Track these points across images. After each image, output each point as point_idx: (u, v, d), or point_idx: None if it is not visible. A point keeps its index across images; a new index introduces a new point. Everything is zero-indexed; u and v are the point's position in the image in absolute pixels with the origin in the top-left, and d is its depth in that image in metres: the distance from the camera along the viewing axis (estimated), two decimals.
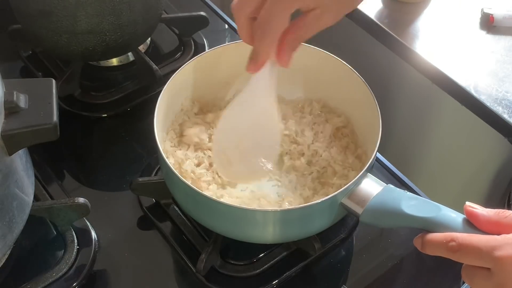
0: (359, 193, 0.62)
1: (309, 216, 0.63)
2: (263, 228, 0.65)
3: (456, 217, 0.55)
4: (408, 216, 0.57)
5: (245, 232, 0.65)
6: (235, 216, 0.63)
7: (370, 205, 0.60)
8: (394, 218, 0.59)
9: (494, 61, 0.96)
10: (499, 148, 0.97)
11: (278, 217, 0.63)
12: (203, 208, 0.65)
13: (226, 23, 1.02)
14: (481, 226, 0.52)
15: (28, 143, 0.61)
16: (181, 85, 0.74)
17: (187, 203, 0.67)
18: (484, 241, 0.50)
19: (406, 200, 0.58)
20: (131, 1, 0.80)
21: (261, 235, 0.65)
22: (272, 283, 0.70)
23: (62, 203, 0.70)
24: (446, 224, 0.54)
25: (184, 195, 0.66)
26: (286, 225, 0.64)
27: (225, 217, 0.64)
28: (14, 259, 0.69)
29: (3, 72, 0.61)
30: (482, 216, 0.52)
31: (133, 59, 0.93)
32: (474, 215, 0.53)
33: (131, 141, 0.84)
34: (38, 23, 0.81)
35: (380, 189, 0.61)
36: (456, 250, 0.51)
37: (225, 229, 0.66)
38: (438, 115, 1.09)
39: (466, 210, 0.53)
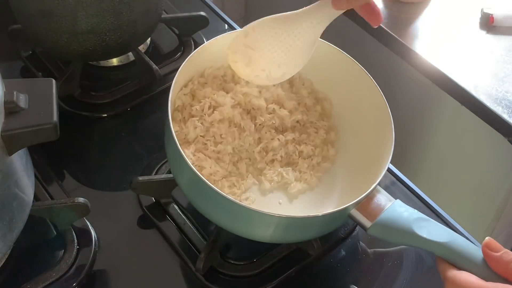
0: (368, 206, 0.61)
1: (314, 223, 0.63)
2: (266, 229, 0.64)
3: (467, 247, 0.55)
4: (418, 238, 0.57)
5: (247, 230, 0.65)
6: (241, 214, 0.63)
7: (380, 220, 0.60)
8: (404, 237, 0.59)
9: (494, 61, 0.96)
10: (499, 148, 0.97)
11: (284, 223, 0.63)
12: (210, 201, 0.64)
13: (226, 23, 1.02)
14: (492, 266, 0.52)
15: (28, 143, 0.61)
16: None
17: (193, 193, 0.67)
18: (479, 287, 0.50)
19: (418, 221, 0.58)
20: (131, 1, 0.80)
21: (263, 234, 0.65)
22: (272, 283, 0.70)
23: (62, 203, 0.70)
24: (455, 253, 0.55)
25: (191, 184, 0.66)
26: (289, 230, 0.64)
27: (230, 214, 0.63)
28: (14, 259, 0.69)
29: (3, 72, 0.61)
30: (494, 261, 0.52)
31: (133, 59, 0.93)
32: (487, 257, 0.53)
33: (131, 141, 0.85)
34: (38, 23, 0.81)
35: (390, 204, 0.61)
36: (448, 286, 0.53)
37: (229, 224, 0.66)
38: (438, 115, 1.09)
39: (482, 250, 0.53)
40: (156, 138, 0.81)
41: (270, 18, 0.67)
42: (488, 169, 1.04)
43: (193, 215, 0.74)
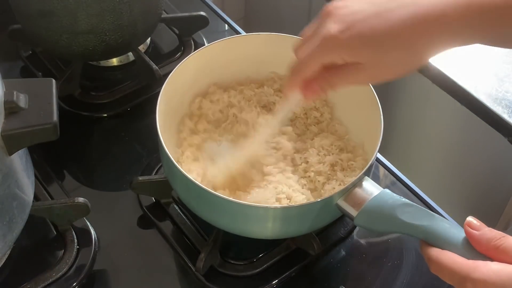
0: (355, 196, 0.61)
1: (305, 215, 0.63)
2: (261, 223, 0.65)
3: (449, 228, 0.55)
4: (401, 223, 0.57)
5: (244, 226, 0.66)
6: (234, 211, 0.63)
7: (365, 209, 0.60)
8: (388, 223, 0.59)
9: (494, 61, 0.96)
10: (499, 148, 0.97)
11: (277, 214, 0.63)
12: (203, 202, 0.65)
13: (226, 23, 1.02)
14: (475, 245, 0.52)
15: (28, 143, 0.61)
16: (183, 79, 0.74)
17: (188, 197, 0.68)
18: (457, 266, 0.50)
19: (402, 206, 0.58)
20: (131, 1, 0.80)
21: (260, 230, 0.65)
22: (271, 283, 0.70)
23: (62, 203, 0.70)
24: (438, 235, 0.54)
25: (185, 189, 0.66)
26: (283, 222, 0.64)
27: (224, 211, 0.64)
28: (14, 259, 0.69)
29: (3, 72, 0.61)
30: (477, 239, 0.52)
31: (133, 59, 0.93)
32: (470, 236, 0.52)
33: (131, 141, 0.85)
34: (38, 23, 0.81)
35: (377, 193, 0.61)
36: (434, 270, 0.52)
37: (223, 222, 0.66)
38: (438, 115, 1.09)
39: (464, 227, 0.53)
40: (156, 138, 0.81)
41: None
42: (488, 169, 1.04)
43: (193, 215, 0.74)
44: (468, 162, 1.07)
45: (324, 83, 0.58)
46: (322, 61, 0.56)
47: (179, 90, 0.74)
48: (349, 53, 0.55)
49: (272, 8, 1.43)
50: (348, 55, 0.55)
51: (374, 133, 0.67)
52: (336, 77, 0.57)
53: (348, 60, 0.55)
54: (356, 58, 0.55)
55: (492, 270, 0.48)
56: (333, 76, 0.57)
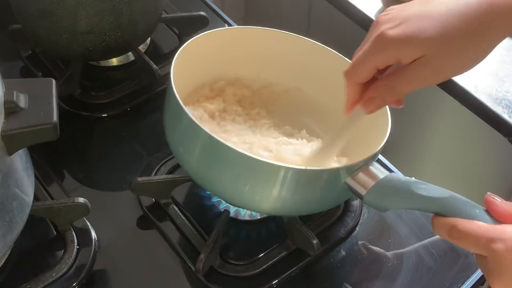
0: (364, 175, 0.61)
1: (311, 184, 0.63)
2: (265, 185, 0.63)
3: (467, 202, 0.55)
4: (418, 196, 0.57)
5: (245, 190, 0.64)
6: (240, 165, 0.61)
7: (377, 185, 0.60)
8: (402, 198, 0.58)
9: (494, 61, 0.96)
10: (499, 148, 0.97)
11: (285, 174, 0.61)
12: (206, 154, 0.64)
13: (226, 23, 1.02)
14: (497, 215, 0.52)
15: (28, 143, 0.61)
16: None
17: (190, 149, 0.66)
18: (483, 230, 0.50)
19: (415, 183, 0.58)
20: (131, 1, 0.80)
21: (262, 195, 0.64)
22: (271, 283, 0.70)
23: (62, 203, 0.70)
24: (456, 208, 0.54)
25: (189, 137, 0.65)
26: (290, 186, 0.62)
27: (228, 166, 0.62)
28: (14, 259, 0.69)
29: (3, 72, 0.61)
30: (500, 205, 0.52)
31: (133, 59, 0.93)
32: (492, 204, 0.52)
33: (131, 141, 0.85)
34: (38, 23, 0.81)
35: (386, 173, 0.61)
36: (455, 237, 0.52)
37: (223, 183, 0.64)
38: (438, 115, 1.09)
39: (486, 198, 0.53)
40: (156, 138, 0.81)
41: None
42: (488, 169, 1.04)
43: (193, 216, 0.74)
44: (468, 162, 1.07)
45: (384, 90, 0.55)
46: (375, 63, 0.53)
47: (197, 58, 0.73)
48: (404, 47, 0.51)
49: (272, 8, 1.43)
50: (403, 50, 0.51)
51: (382, 121, 0.68)
52: (397, 81, 0.53)
53: (405, 58, 0.51)
54: (414, 51, 0.51)
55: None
56: (393, 80, 0.54)
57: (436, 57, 0.51)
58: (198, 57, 0.74)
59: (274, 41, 0.77)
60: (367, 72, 0.54)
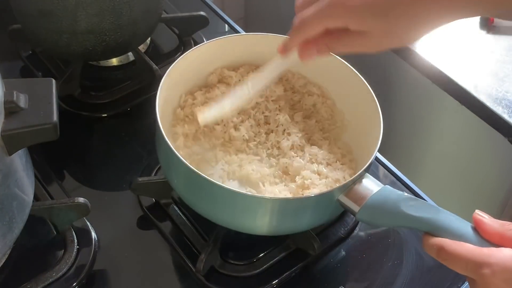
0: (357, 192, 0.62)
1: (304, 209, 0.63)
2: (258, 216, 0.64)
3: (455, 220, 0.55)
4: (406, 216, 0.57)
5: (240, 219, 0.65)
6: (232, 202, 0.63)
7: (368, 203, 0.60)
8: (392, 217, 0.59)
9: (494, 61, 0.96)
10: (499, 148, 0.97)
11: (273, 206, 0.63)
12: (200, 191, 0.65)
13: (226, 23, 1.02)
14: (485, 234, 0.52)
15: (28, 143, 0.61)
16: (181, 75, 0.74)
17: (183, 186, 0.68)
18: (470, 254, 0.50)
19: (406, 200, 0.58)
20: (131, 1, 0.80)
21: (256, 223, 0.65)
22: (271, 283, 0.70)
23: (62, 203, 0.70)
24: (445, 227, 0.54)
25: (182, 177, 0.66)
26: (282, 216, 0.64)
27: (221, 202, 0.64)
28: (14, 259, 0.69)
29: (3, 72, 0.61)
30: (488, 225, 0.52)
31: (133, 59, 0.93)
32: (480, 223, 0.53)
33: (131, 141, 0.84)
34: (38, 23, 0.81)
35: (378, 188, 0.61)
36: (444, 259, 0.52)
37: (220, 215, 0.66)
38: (438, 115, 1.09)
39: (474, 217, 0.53)
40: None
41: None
42: (488, 169, 1.04)
43: (193, 216, 0.74)
44: (468, 162, 1.07)
45: (323, 47, 0.58)
46: (327, 25, 0.56)
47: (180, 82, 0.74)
48: (357, 21, 0.54)
49: (272, 8, 1.43)
50: (355, 23, 0.55)
51: (374, 130, 0.68)
52: (338, 43, 0.57)
53: (353, 28, 0.55)
54: (363, 27, 0.54)
55: (508, 254, 0.48)
56: (334, 41, 0.57)
57: (379, 36, 0.55)
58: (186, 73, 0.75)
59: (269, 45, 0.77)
60: (318, 31, 0.57)
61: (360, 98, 0.72)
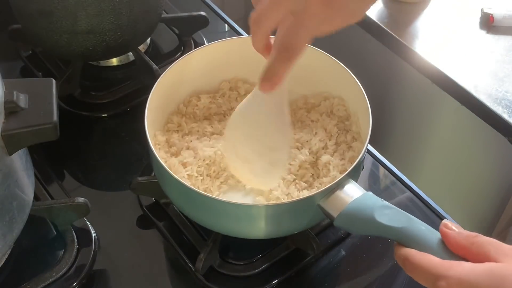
0: (337, 197, 0.61)
1: (287, 214, 0.63)
2: (252, 223, 0.65)
3: (425, 230, 0.55)
4: (378, 225, 0.57)
5: (228, 225, 0.66)
6: (216, 209, 0.64)
7: (345, 210, 0.60)
8: (366, 225, 0.59)
9: (494, 61, 0.97)
10: (499, 148, 0.97)
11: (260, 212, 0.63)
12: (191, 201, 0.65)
13: (226, 23, 1.02)
14: (450, 247, 0.52)
15: (28, 143, 0.61)
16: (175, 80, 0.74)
17: (177, 197, 0.68)
18: (431, 265, 0.50)
19: (381, 208, 0.58)
20: (131, 1, 0.81)
21: (252, 229, 0.66)
22: (271, 283, 0.70)
23: (62, 203, 0.70)
24: (413, 237, 0.54)
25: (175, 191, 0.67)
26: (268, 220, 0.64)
27: (208, 210, 0.64)
28: (14, 259, 0.69)
29: (3, 72, 0.61)
30: (453, 238, 0.52)
31: (133, 59, 0.93)
32: (447, 235, 0.52)
33: (131, 141, 0.85)
34: (38, 23, 0.81)
35: (359, 195, 0.61)
36: (408, 270, 0.52)
37: (212, 223, 0.67)
38: (438, 115, 1.09)
39: (440, 229, 0.53)
40: None
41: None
42: (488, 169, 1.04)
43: None
44: (468, 162, 1.07)
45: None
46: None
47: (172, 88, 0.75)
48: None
49: None
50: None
51: (363, 135, 0.68)
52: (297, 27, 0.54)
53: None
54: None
55: (466, 268, 0.48)
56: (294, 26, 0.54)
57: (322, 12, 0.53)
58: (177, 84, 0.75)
59: None
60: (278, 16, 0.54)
61: (352, 95, 0.72)
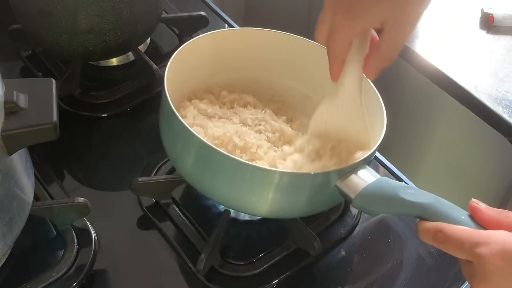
0: (355, 179, 0.61)
1: (303, 188, 0.63)
2: (258, 189, 0.64)
3: (453, 207, 0.55)
4: (404, 202, 0.57)
5: (239, 193, 0.65)
6: (232, 171, 0.62)
7: (365, 190, 0.60)
8: (389, 203, 0.58)
9: (494, 61, 0.97)
10: (499, 148, 0.97)
11: (275, 179, 0.62)
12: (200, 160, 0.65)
13: (226, 23, 1.02)
14: (482, 221, 0.52)
15: (28, 143, 0.61)
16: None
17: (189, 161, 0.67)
18: (468, 234, 0.50)
19: (403, 188, 0.58)
20: (131, 1, 0.81)
21: (255, 199, 0.65)
22: (272, 283, 0.70)
23: (62, 203, 0.70)
24: (441, 213, 0.54)
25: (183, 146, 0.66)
26: (280, 191, 0.63)
27: (221, 172, 0.63)
28: (14, 259, 0.69)
29: (3, 72, 0.61)
30: (485, 211, 0.52)
31: (133, 59, 0.93)
32: (477, 210, 0.53)
33: (131, 141, 0.85)
34: (38, 23, 0.81)
35: (377, 178, 0.61)
36: (441, 241, 0.52)
37: (217, 187, 0.65)
38: (438, 115, 1.09)
39: (470, 204, 0.53)
40: (156, 138, 0.81)
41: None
42: (488, 169, 1.04)
43: (193, 216, 0.74)
44: (468, 162, 1.07)
45: (377, 59, 0.61)
46: (353, 32, 0.58)
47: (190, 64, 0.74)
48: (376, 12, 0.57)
49: (272, 8, 1.43)
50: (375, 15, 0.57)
51: (378, 124, 0.68)
52: (380, 51, 0.60)
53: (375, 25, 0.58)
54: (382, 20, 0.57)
55: (507, 235, 0.49)
56: (377, 52, 0.60)
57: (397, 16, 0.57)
58: (195, 59, 0.74)
59: (272, 42, 0.77)
60: (348, 40, 0.59)
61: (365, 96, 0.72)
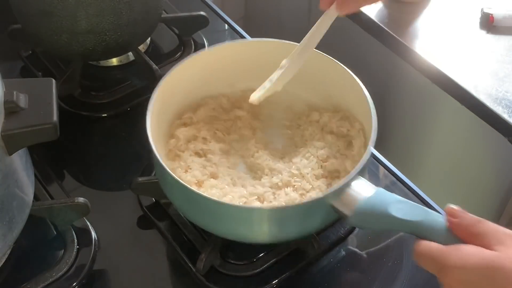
0: (350, 195, 0.61)
1: (299, 216, 0.63)
2: (252, 226, 0.65)
3: (437, 220, 0.55)
4: (395, 219, 0.57)
5: (235, 230, 0.65)
6: (222, 213, 0.63)
7: (359, 208, 0.60)
8: (382, 221, 0.58)
9: (494, 61, 0.96)
10: (499, 148, 0.97)
11: (265, 216, 0.63)
12: (192, 203, 0.65)
13: (226, 23, 1.02)
14: (455, 232, 0.52)
15: (28, 143, 0.61)
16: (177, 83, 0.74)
17: (180, 203, 0.68)
18: (436, 253, 0.50)
19: (395, 203, 0.58)
20: (131, 1, 0.81)
21: (251, 233, 0.65)
22: (272, 283, 0.70)
23: (62, 203, 0.70)
24: (425, 228, 0.55)
25: (178, 195, 0.67)
26: (276, 224, 0.64)
27: (211, 214, 0.64)
28: (14, 259, 0.69)
29: (3, 72, 0.61)
30: (457, 225, 0.52)
31: (133, 59, 0.93)
32: (450, 223, 0.53)
33: (131, 141, 0.85)
34: (38, 23, 0.81)
35: (372, 192, 0.61)
36: (417, 260, 0.52)
37: (214, 226, 0.66)
38: (438, 115, 1.09)
39: (445, 217, 0.53)
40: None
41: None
42: (488, 169, 1.04)
43: None
44: (468, 162, 1.07)
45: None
46: None
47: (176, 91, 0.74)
48: None
49: (272, 8, 1.43)
50: None
51: (368, 133, 0.67)
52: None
53: None
54: None
55: (465, 251, 0.49)
56: None
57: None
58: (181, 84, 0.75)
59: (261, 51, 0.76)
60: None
61: (355, 97, 0.72)
